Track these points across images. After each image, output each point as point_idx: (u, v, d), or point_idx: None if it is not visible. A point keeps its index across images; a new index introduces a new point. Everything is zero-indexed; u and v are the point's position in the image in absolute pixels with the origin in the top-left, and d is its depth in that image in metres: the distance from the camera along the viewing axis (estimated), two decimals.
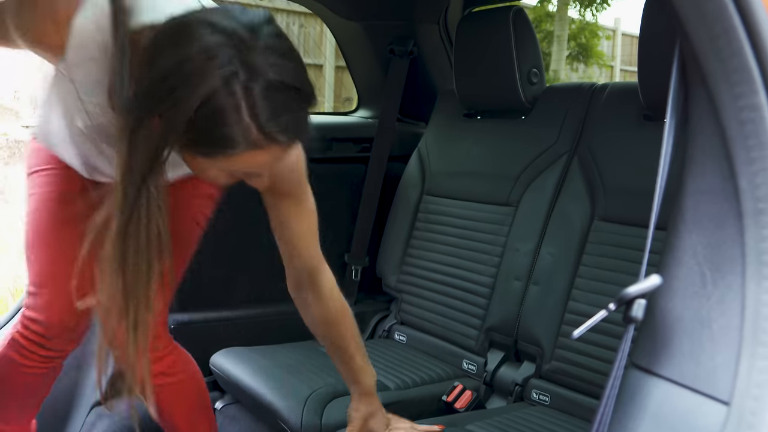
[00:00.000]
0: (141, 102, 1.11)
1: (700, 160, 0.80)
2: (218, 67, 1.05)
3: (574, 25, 11.87)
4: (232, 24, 1.08)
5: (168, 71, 1.07)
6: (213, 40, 1.06)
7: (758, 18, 0.74)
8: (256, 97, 1.07)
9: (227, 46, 1.06)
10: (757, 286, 0.75)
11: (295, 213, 1.52)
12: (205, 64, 1.05)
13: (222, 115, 1.07)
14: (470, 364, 2.22)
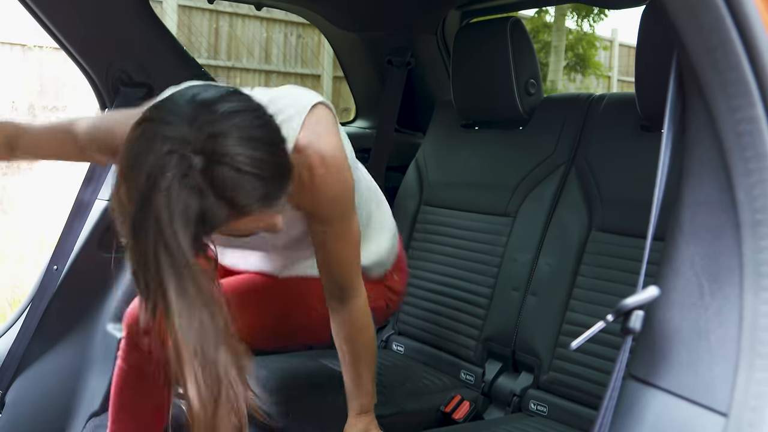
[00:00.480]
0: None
1: (698, 172, 0.80)
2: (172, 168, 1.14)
3: (571, 35, 11.89)
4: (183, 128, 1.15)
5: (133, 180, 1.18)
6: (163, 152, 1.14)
7: (755, 31, 0.74)
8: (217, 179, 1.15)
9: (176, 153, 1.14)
10: (755, 297, 0.75)
11: (334, 240, 1.56)
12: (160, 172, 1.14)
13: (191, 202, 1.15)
14: (468, 375, 2.21)
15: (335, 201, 1.51)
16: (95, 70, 2.24)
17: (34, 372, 2.24)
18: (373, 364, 1.69)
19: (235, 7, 7.77)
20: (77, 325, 2.30)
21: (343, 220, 1.55)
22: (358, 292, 1.63)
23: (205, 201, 1.16)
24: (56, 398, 2.27)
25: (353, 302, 1.63)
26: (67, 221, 2.26)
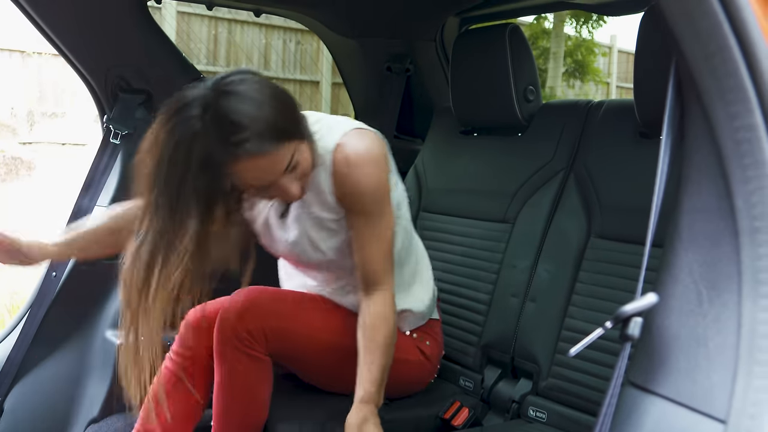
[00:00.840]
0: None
1: (696, 179, 0.80)
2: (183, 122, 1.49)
3: (570, 41, 11.92)
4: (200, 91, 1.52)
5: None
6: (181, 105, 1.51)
7: (753, 37, 0.74)
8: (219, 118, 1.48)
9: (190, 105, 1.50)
10: (753, 304, 0.75)
11: (366, 233, 1.77)
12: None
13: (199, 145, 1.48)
14: (467, 381, 2.21)
15: (368, 194, 1.73)
16: (94, 76, 2.25)
17: (33, 378, 2.24)
18: (385, 358, 1.76)
19: (234, 14, 7.78)
20: (76, 331, 2.30)
21: (375, 215, 1.75)
22: (385, 287, 1.79)
23: (209, 141, 1.47)
24: (55, 405, 2.27)
25: (379, 294, 1.78)
26: (66, 227, 2.26)
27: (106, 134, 2.29)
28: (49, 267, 2.24)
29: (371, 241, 1.77)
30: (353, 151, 1.72)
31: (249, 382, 1.78)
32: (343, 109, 8.65)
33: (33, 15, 2.07)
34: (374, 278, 1.78)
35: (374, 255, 1.77)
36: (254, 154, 1.50)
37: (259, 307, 1.77)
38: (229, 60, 8.08)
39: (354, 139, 1.74)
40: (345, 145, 1.72)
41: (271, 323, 1.77)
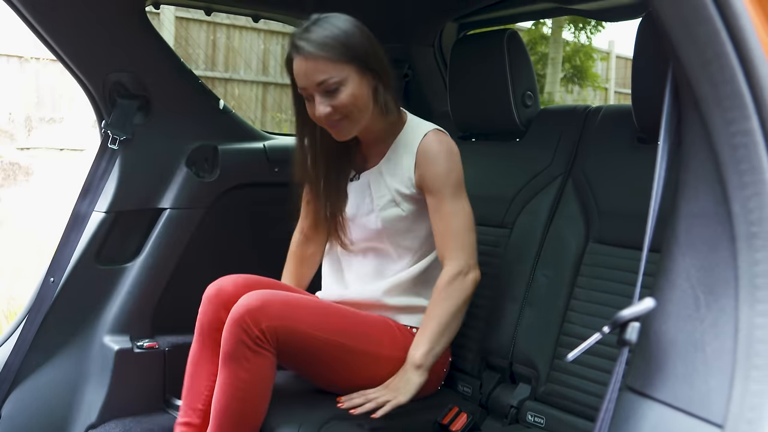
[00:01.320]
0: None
1: (694, 184, 0.81)
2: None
3: (568, 47, 11.93)
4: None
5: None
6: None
7: (750, 44, 0.74)
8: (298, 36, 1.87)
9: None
10: (750, 309, 0.75)
11: (436, 211, 1.98)
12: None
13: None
14: (465, 386, 2.21)
15: (443, 176, 1.96)
16: (92, 81, 2.25)
17: (30, 384, 2.24)
18: (444, 329, 1.94)
19: (233, 19, 7.79)
20: (74, 337, 2.30)
21: (449, 197, 1.97)
22: (456, 263, 1.96)
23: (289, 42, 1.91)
24: (53, 411, 2.26)
25: (450, 269, 1.96)
26: (64, 233, 2.26)
27: (104, 139, 2.29)
28: (48, 272, 2.24)
29: (448, 218, 1.96)
30: (439, 140, 2.00)
31: (253, 380, 1.79)
32: None
33: (31, 20, 2.08)
34: (444, 251, 1.98)
35: (452, 233, 1.96)
36: (302, 54, 1.83)
37: (273, 307, 1.80)
38: (228, 65, 8.08)
39: (440, 134, 2.02)
40: (432, 136, 2.00)
41: (284, 323, 1.79)
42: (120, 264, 2.35)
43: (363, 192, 2.06)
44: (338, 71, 1.83)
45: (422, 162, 1.98)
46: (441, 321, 1.93)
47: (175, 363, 2.29)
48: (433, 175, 1.97)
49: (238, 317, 1.77)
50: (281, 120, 8.37)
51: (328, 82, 1.83)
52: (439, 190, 1.97)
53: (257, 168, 2.53)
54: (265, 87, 8.30)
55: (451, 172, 1.98)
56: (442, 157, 1.98)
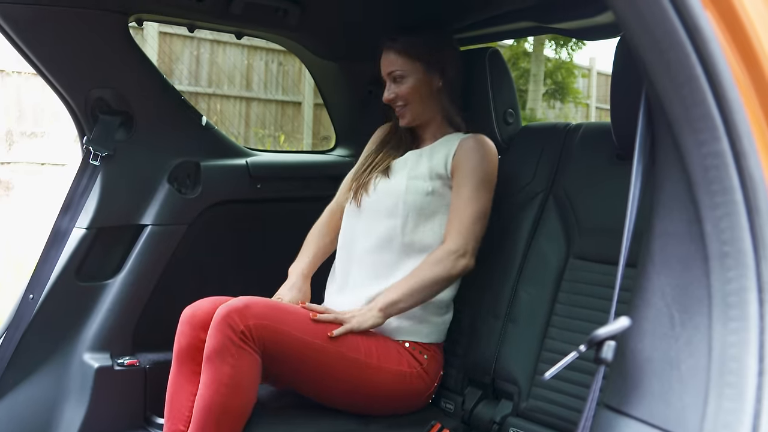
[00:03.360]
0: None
1: (667, 204, 0.82)
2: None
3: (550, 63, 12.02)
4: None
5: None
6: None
7: (720, 68, 0.76)
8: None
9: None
10: (723, 327, 0.76)
11: (457, 192, 2.13)
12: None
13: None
14: (448, 403, 2.21)
15: (475, 169, 2.13)
16: (74, 97, 2.24)
17: (8, 402, 2.21)
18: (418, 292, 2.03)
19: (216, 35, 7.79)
20: (53, 354, 2.28)
21: (475, 185, 2.11)
22: (456, 242, 2.06)
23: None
24: (31, 429, 2.24)
25: (449, 245, 2.07)
26: (44, 249, 2.25)
27: (85, 155, 2.28)
28: (27, 289, 2.22)
29: (463, 203, 2.10)
30: (483, 140, 2.19)
31: (237, 376, 1.80)
32: (325, 131, 8.67)
33: (12, 35, 2.07)
34: (450, 229, 2.09)
35: (459, 214, 2.09)
36: (384, 47, 2.22)
37: (258, 308, 1.84)
38: (211, 81, 8.08)
39: (486, 139, 2.21)
40: (478, 136, 2.20)
41: (268, 322, 1.83)
42: (100, 281, 2.33)
43: (403, 164, 2.23)
44: (406, 65, 2.18)
45: (461, 151, 2.16)
46: (419, 283, 2.02)
47: (155, 380, 2.27)
48: (467, 163, 2.14)
49: (225, 314, 1.80)
50: (264, 136, 8.37)
51: (395, 73, 2.18)
52: (468, 176, 2.12)
53: (240, 184, 2.53)
54: (248, 102, 8.30)
55: (485, 166, 2.15)
56: (482, 153, 2.16)
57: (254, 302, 1.86)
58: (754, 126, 0.79)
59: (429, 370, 2.09)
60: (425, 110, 2.24)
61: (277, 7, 2.38)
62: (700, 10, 0.79)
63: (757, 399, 0.74)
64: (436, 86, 2.22)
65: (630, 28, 0.83)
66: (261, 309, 1.85)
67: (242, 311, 1.81)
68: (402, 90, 2.19)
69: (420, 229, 2.13)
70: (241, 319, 1.80)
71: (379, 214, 2.16)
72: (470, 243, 2.07)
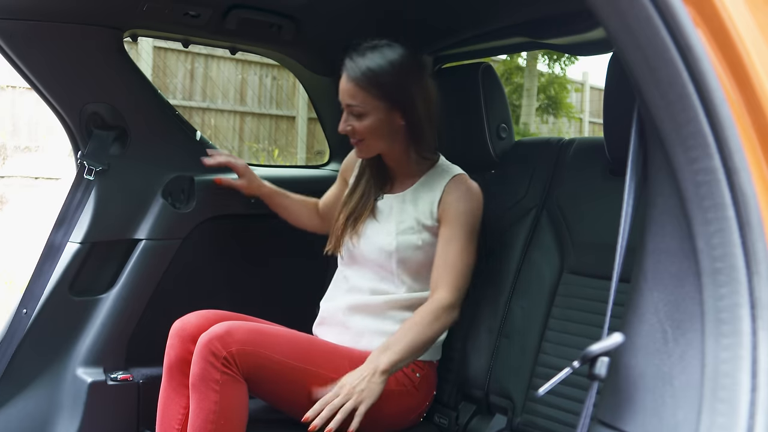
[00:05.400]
0: None
1: (660, 220, 0.82)
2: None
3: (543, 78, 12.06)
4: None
5: None
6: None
7: (711, 86, 0.77)
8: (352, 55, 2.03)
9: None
10: (716, 343, 0.76)
11: (447, 242, 2.04)
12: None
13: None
14: (442, 418, 2.21)
15: (462, 214, 2.05)
16: (68, 112, 2.24)
17: (2, 417, 2.20)
18: (416, 349, 1.92)
19: (210, 49, 7.81)
20: (47, 369, 2.27)
21: (465, 235, 2.04)
22: (450, 295, 1.99)
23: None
24: None
25: (443, 298, 1.99)
26: (38, 263, 2.24)
27: (80, 170, 2.28)
28: (20, 303, 2.22)
29: (455, 255, 2.02)
30: (468, 183, 2.11)
31: (224, 402, 1.80)
32: (319, 145, 8.68)
33: (7, 50, 2.07)
34: (437, 282, 2.02)
35: (452, 266, 2.01)
36: (346, 73, 2.01)
37: (240, 333, 1.82)
38: (205, 95, 8.08)
39: (469, 179, 2.13)
40: (462, 177, 2.12)
41: (251, 348, 1.82)
42: (94, 295, 2.33)
43: (386, 214, 2.14)
44: (366, 102, 2.00)
45: (448, 199, 2.07)
46: (419, 341, 1.93)
47: (149, 395, 2.26)
48: (456, 211, 2.05)
49: (207, 341, 1.80)
50: (258, 150, 8.38)
51: (355, 108, 2.01)
52: (459, 226, 2.04)
53: (234, 199, 2.53)
54: (242, 117, 8.31)
55: (473, 213, 2.07)
56: (469, 197, 2.07)
57: (236, 328, 1.84)
58: (746, 142, 0.79)
59: (421, 388, 2.07)
60: (386, 147, 2.11)
61: (271, 23, 2.39)
62: (691, 28, 0.80)
63: (750, 414, 0.74)
64: (399, 124, 2.05)
65: (621, 45, 0.83)
66: (243, 335, 1.83)
67: (224, 338, 1.80)
68: (360, 126, 2.04)
69: (411, 279, 2.10)
70: (223, 345, 1.79)
71: (371, 263, 2.12)
72: (461, 295, 2.03)
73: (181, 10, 2.20)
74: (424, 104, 2.06)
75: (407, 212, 2.11)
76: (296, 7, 2.33)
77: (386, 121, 2.03)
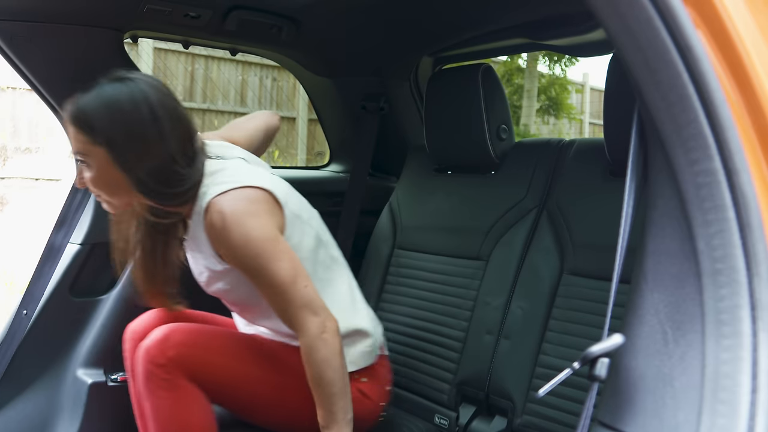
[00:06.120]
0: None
1: (660, 222, 0.82)
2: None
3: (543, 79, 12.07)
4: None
5: None
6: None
7: (712, 87, 0.77)
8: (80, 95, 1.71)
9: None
10: (716, 344, 0.76)
11: (261, 285, 1.75)
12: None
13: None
14: (442, 419, 2.21)
15: (241, 250, 1.70)
16: None
17: (2, 418, 2.20)
18: (330, 392, 1.73)
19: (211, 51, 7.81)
20: (47, 370, 2.27)
21: (258, 270, 1.71)
22: (304, 334, 1.72)
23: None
24: None
25: (303, 341, 1.73)
26: (38, 265, 2.24)
27: None
28: (21, 305, 2.22)
29: (268, 293, 1.74)
30: (220, 211, 1.70)
31: (176, 407, 1.77)
32: (319, 146, 8.68)
33: (7, 51, 2.08)
34: (290, 324, 1.75)
35: (277, 305, 1.74)
36: (67, 119, 1.69)
37: (178, 335, 1.79)
38: (205, 96, 8.09)
39: (222, 200, 1.71)
40: (214, 207, 1.71)
41: (190, 350, 1.78)
42: (94, 296, 2.33)
43: (193, 262, 1.93)
44: (86, 148, 1.69)
45: (214, 240, 1.75)
46: (323, 388, 1.73)
47: None
48: (230, 253, 1.73)
49: (145, 351, 1.77)
50: None
51: (80, 151, 1.70)
52: (243, 265, 1.74)
53: None
54: None
55: (248, 242, 1.70)
56: (230, 230, 1.69)
57: (174, 331, 1.78)
58: (746, 144, 0.79)
59: (371, 394, 1.98)
60: (124, 199, 1.78)
61: (271, 24, 2.39)
62: (691, 29, 0.80)
63: (751, 416, 0.74)
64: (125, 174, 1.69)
65: (621, 46, 0.83)
66: (181, 337, 1.78)
67: (162, 344, 1.75)
68: (88, 177, 1.73)
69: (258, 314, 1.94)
70: (161, 351, 1.75)
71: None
72: (313, 314, 1.72)
73: (181, 11, 2.20)
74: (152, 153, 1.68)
75: (198, 262, 1.90)
76: (296, 9, 2.33)
77: (112, 170, 1.69)
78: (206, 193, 1.74)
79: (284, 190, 1.85)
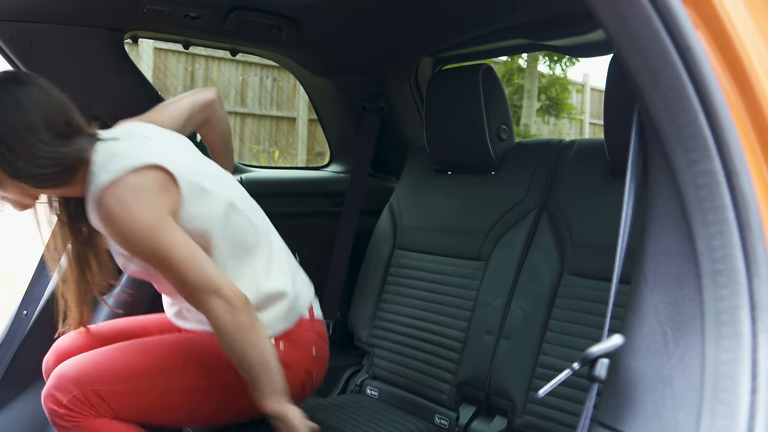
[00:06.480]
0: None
1: (660, 222, 0.82)
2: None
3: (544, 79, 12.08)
4: None
5: None
6: None
7: (711, 88, 0.77)
8: None
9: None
10: (716, 344, 0.76)
11: (157, 271, 1.72)
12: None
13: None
14: (442, 419, 2.21)
15: (130, 238, 1.67)
16: None
17: (2, 419, 2.21)
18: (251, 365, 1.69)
19: (211, 51, 7.81)
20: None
21: (152, 253, 1.67)
22: (208, 315, 1.69)
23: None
24: None
25: (210, 322, 1.70)
26: (38, 265, 2.24)
27: None
28: (21, 305, 2.22)
29: (168, 279, 1.71)
30: (102, 204, 1.67)
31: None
32: (320, 146, 8.67)
33: (7, 52, 2.08)
34: (198, 310, 1.72)
35: (180, 290, 1.71)
36: None
37: (72, 371, 1.76)
38: None
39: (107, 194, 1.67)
40: (99, 201, 1.67)
41: (84, 389, 1.73)
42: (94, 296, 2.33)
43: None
44: None
45: (106, 233, 1.74)
46: (243, 365, 1.70)
47: None
48: (121, 243, 1.71)
49: (44, 397, 1.75)
50: (258, 151, 8.38)
51: None
52: (136, 253, 1.71)
53: None
54: (243, 118, 8.31)
55: (134, 233, 1.67)
56: (114, 224, 1.67)
57: (63, 375, 1.75)
58: (746, 145, 0.79)
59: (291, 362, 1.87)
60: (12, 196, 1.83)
61: (271, 24, 2.39)
62: (691, 29, 0.80)
63: (750, 416, 0.74)
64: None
65: (621, 47, 0.83)
66: (74, 373, 1.74)
67: (58, 388, 1.73)
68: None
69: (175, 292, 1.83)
70: (56, 403, 1.72)
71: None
72: (214, 290, 1.67)
73: (181, 11, 2.20)
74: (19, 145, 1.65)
75: (113, 248, 1.86)
76: (296, 9, 2.33)
77: None
78: (93, 182, 1.70)
79: (181, 162, 1.78)
